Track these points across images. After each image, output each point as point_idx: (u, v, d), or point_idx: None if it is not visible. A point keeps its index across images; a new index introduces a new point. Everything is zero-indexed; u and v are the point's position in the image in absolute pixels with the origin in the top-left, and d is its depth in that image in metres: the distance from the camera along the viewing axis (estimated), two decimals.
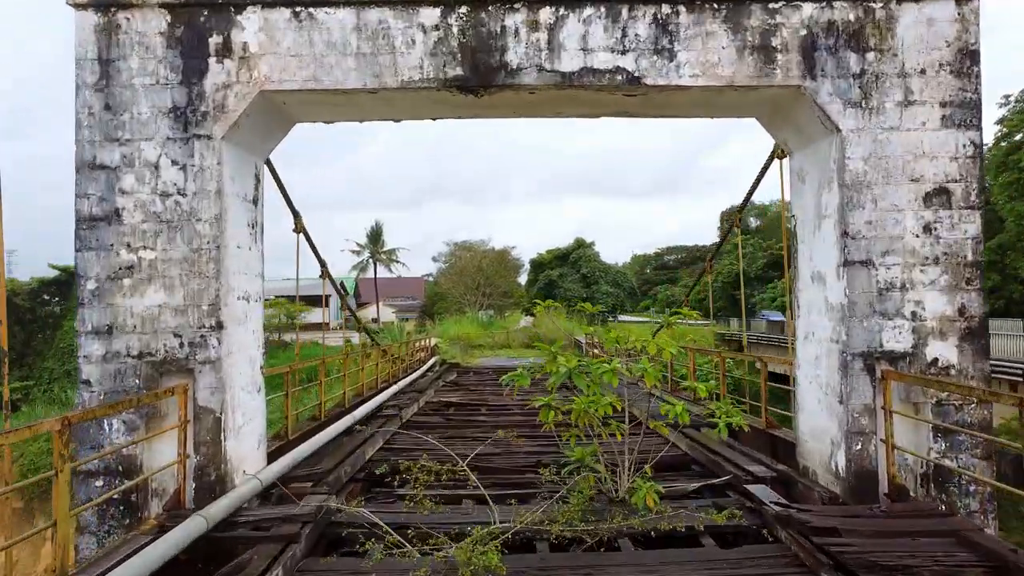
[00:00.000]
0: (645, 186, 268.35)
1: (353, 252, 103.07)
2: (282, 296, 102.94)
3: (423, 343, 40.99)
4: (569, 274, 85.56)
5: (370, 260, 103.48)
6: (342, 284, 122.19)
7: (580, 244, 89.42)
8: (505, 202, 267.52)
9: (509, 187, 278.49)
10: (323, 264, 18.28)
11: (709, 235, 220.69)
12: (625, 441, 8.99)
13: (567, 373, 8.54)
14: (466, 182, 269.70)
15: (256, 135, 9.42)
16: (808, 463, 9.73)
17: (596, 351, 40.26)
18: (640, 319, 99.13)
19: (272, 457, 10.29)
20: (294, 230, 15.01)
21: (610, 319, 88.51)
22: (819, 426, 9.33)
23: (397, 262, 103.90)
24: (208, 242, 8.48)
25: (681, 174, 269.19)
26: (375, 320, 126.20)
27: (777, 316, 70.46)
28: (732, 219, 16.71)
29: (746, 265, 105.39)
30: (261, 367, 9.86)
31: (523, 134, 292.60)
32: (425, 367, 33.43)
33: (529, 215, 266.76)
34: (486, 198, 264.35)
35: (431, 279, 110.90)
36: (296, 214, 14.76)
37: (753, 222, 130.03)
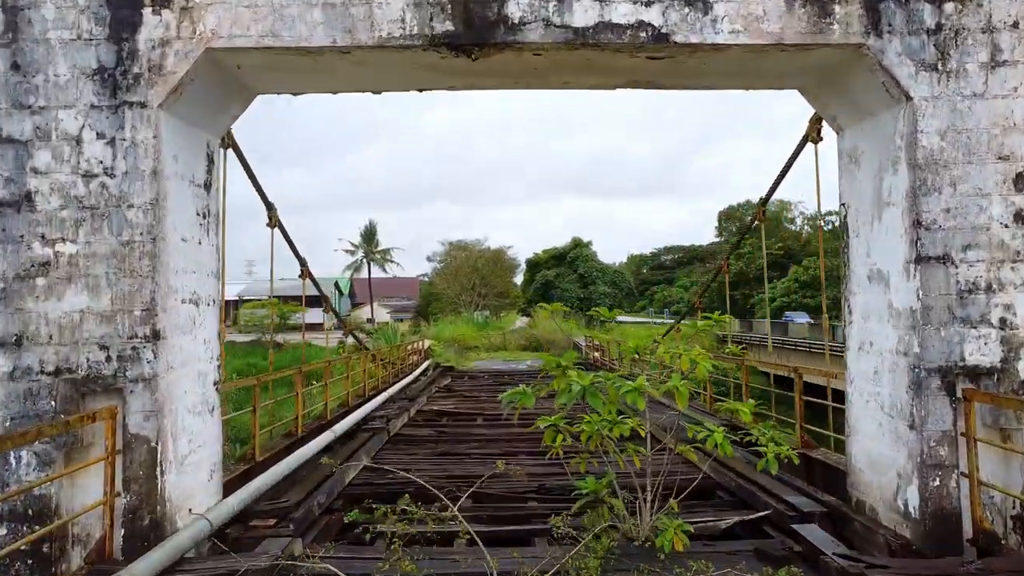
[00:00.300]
0: (637, 187, 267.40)
1: (347, 252, 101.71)
2: (277, 296, 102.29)
3: (416, 346, 39.37)
4: (566, 274, 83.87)
5: (364, 260, 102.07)
6: (336, 284, 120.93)
7: (577, 244, 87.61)
8: (500, 202, 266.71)
9: (504, 188, 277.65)
10: (303, 263, 16.77)
11: (703, 235, 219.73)
12: (647, 468, 7.45)
13: (580, 392, 6.99)
14: (462, 183, 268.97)
15: (206, 106, 7.83)
16: (865, 497, 8.16)
17: (596, 354, 38.86)
18: (638, 320, 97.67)
19: (233, 488, 8.74)
20: (268, 224, 13.49)
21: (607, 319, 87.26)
22: (880, 455, 7.77)
23: (391, 262, 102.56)
24: (142, 233, 6.89)
25: (671, 175, 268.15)
26: (370, 320, 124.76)
27: (802, 318, 68.80)
28: (754, 213, 15.25)
29: (744, 265, 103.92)
30: (216, 383, 8.29)
31: (518, 133, 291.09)
32: (417, 371, 31.92)
33: (524, 215, 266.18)
34: (482, 198, 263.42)
35: (426, 279, 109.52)
36: (270, 206, 13.26)
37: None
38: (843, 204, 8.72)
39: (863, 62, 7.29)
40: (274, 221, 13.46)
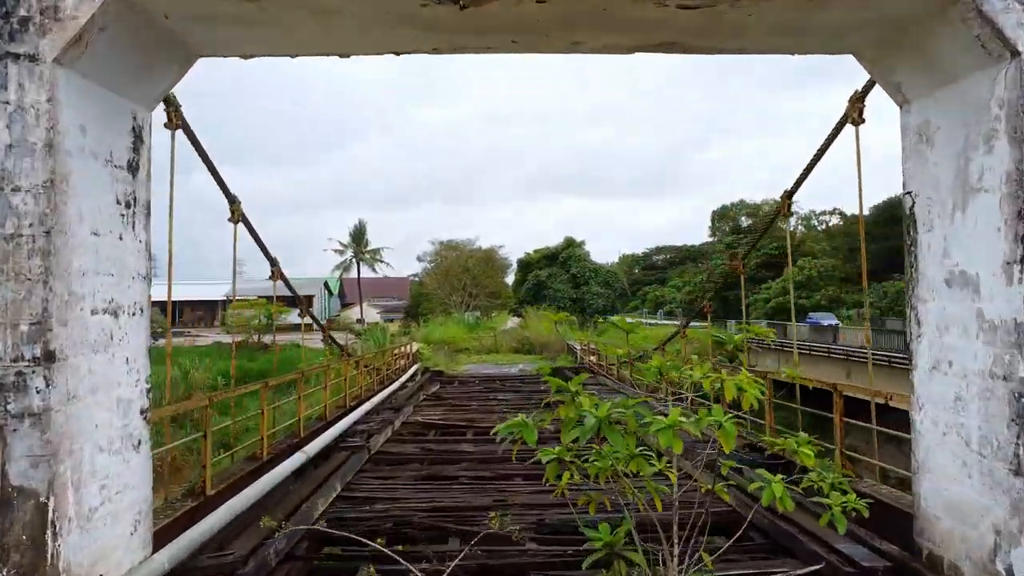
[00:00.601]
0: (627, 186, 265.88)
1: (336, 252, 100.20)
2: (263, 296, 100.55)
3: (403, 350, 37.79)
4: (558, 274, 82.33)
5: (353, 260, 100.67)
6: (326, 284, 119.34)
7: (570, 243, 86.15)
8: (491, 202, 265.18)
9: (494, 186, 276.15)
10: (274, 263, 15.27)
11: (695, 235, 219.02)
12: (673, 515, 5.92)
13: (595, 426, 5.47)
14: (454, 182, 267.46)
15: (127, 66, 6.20)
16: (942, 551, 6.60)
17: (592, 359, 37.38)
18: (630, 320, 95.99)
19: (170, 536, 7.17)
20: (230, 219, 11.93)
21: (601, 320, 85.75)
22: (966, 501, 6.23)
23: (381, 262, 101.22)
24: (31, 224, 5.28)
25: (663, 175, 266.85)
26: (360, 321, 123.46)
27: (829, 319, 67.14)
28: (779, 205, 13.76)
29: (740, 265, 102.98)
30: (145, 411, 6.69)
31: (508, 130, 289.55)
32: (404, 377, 30.39)
33: (514, 214, 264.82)
34: (473, 198, 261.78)
35: (416, 279, 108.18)
36: (232, 199, 11.68)
37: (744, 221, 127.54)
38: (908, 193, 7.16)
39: (953, 10, 5.75)
40: (237, 216, 11.89)
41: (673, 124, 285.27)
